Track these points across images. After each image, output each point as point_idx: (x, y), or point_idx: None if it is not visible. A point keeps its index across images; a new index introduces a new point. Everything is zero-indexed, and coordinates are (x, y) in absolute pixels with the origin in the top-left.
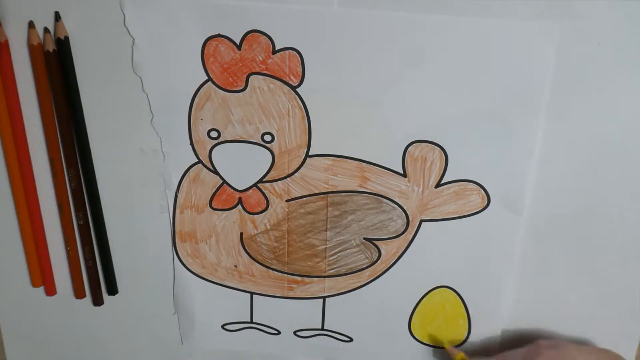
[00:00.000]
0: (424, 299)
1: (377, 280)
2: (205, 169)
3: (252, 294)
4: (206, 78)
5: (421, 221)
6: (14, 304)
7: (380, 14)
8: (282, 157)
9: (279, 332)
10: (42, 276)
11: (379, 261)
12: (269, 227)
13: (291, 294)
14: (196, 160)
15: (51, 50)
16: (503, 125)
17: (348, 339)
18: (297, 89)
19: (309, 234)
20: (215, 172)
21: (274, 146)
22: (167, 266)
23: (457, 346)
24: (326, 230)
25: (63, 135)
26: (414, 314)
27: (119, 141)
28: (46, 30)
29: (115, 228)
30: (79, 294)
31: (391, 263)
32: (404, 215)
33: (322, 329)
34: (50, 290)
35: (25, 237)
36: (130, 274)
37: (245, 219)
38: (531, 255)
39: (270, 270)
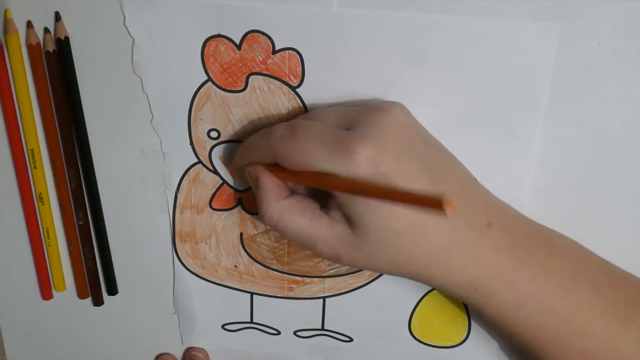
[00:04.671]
0: (424, 298)
1: (377, 280)
2: (205, 169)
3: (252, 294)
4: (206, 78)
5: None
6: (14, 304)
7: (380, 14)
8: None
9: (279, 332)
10: (42, 277)
11: None
12: (269, 227)
13: (291, 294)
14: (196, 160)
15: (51, 51)
16: (503, 125)
17: (348, 339)
18: (297, 89)
19: None
20: (215, 172)
21: None
22: (167, 266)
23: (457, 346)
24: None
25: (63, 135)
26: (414, 314)
27: (119, 141)
28: (46, 30)
29: (115, 228)
30: (82, 294)
31: None
32: None
33: (322, 329)
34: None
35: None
36: (130, 274)
37: (245, 219)
38: None
39: (270, 271)
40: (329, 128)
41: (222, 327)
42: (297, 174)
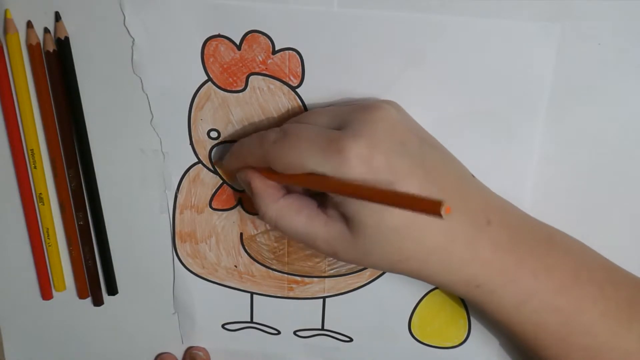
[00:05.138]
0: (424, 299)
1: (377, 280)
2: (205, 169)
3: (252, 294)
4: (206, 78)
5: None
6: (14, 304)
7: (380, 14)
8: None
9: (279, 332)
10: (42, 277)
11: None
12: (269, 227)
13: (291, 294)
14: (196, 160)
15: (51, 51)
16: (503, 125)
17: (348, 339)
18: (297, 89)
19: None
20: (215, 172)
21: None
22: (167, 266)
23: (457, 346)
24: None
25: (63, 135)
26: (414, 314)
27: (119, 141)
28: (46, 30)
29: (115, 228)
30: (82, 294)
31: None
32: None
33: (322, 329)
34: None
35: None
36: (130, 274)
37: (245, 219)
38: None
39: (270, 271)
40: (320, 129)
41: (222, 326)
42: (291, 177)
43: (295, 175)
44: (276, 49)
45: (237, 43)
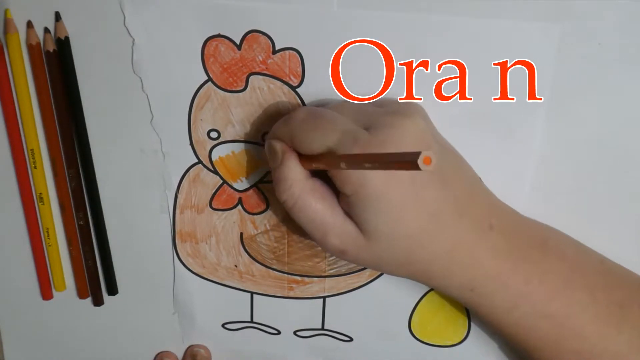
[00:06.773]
0: (424, 298)
1: (377, 280)
2: (205, 169)
3: (252, 293)
4: (206, 78)
5: None
6: (14, 304)
7: (380, 14)
8: None
9: (279, 332)
10: (42, 277)
11: None
12: (268, 227)
13: (291, 294)
14: (196, 160)
15: (51, 51)
16: (503, 125)
17: (348, 339)
18: (297, 89)
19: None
20: (215, 172)
21: None
22: (167, 266)
23: (457, 345)
24: None
25: (63, 135)
26: (414, 313)
27: (119, 141)
28: (46, 30)
29: (115, 228)
30: (82, 294)
31: None
32: None
33: (322, 329)
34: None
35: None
36: (130, 274)
37: (245, 219)
38: None
39: (270, 270)
40: (351, 124)
41: (223, 326)
42: (315, 157)
43: (318, 155)
44: (276, 48)
45: (237, 43)
